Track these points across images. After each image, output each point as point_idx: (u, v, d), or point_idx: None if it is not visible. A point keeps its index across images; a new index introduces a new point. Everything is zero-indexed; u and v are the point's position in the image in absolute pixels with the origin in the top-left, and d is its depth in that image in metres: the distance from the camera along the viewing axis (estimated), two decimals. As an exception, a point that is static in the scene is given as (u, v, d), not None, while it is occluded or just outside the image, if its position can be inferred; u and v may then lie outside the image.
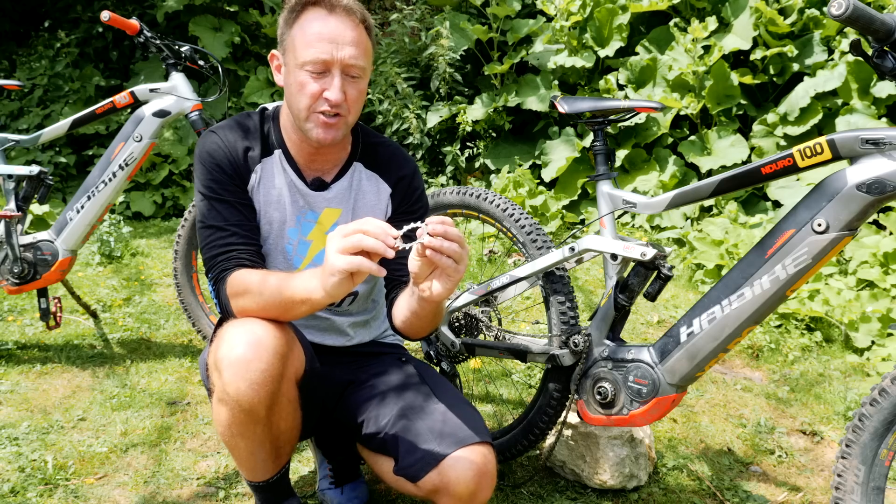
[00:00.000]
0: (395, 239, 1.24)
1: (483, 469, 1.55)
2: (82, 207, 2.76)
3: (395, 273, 1.79)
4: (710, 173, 4.39)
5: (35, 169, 2.78)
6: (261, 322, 1.50)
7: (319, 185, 1.71)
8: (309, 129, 1.59)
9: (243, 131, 1.69)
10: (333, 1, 1.55)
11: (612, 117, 1.96)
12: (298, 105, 1.57)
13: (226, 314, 1.57)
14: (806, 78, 4.37)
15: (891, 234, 3.76)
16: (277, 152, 1.70)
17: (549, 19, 5.23)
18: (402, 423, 1.62)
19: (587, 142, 4.74)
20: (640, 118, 4.73)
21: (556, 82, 5.04)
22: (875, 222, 3.90)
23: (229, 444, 1.59)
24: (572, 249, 1.89)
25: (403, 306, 1.59)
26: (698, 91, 4.55)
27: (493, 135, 5.29)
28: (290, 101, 1.61)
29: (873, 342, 3.06)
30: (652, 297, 1.80)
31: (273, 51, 1.66)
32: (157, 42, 2.72)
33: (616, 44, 4.87)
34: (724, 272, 3.54)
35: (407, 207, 1.76)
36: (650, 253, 1.77)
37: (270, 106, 1.76)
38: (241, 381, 1.45)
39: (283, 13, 1.61)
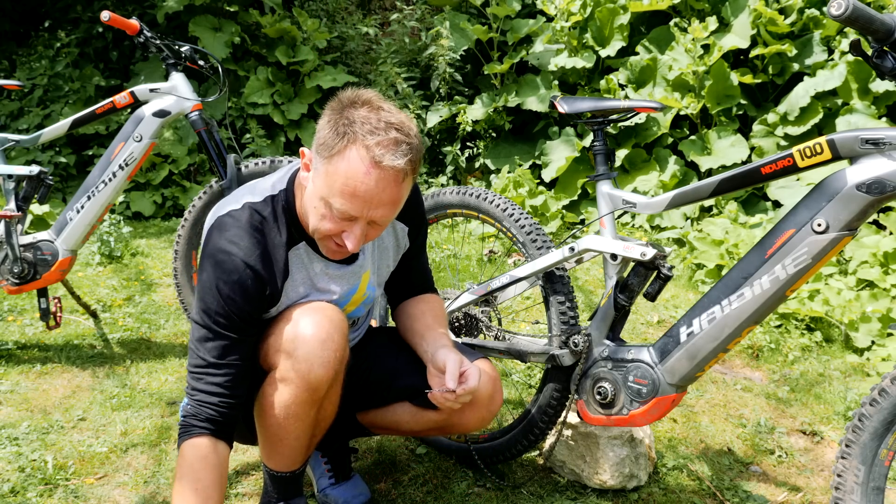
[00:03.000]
0: None
1: (494, 375, 1.77)
2: (82, 207, 2.76)
3: (401, 288, 1.92)
4: (710, 173, 4.39)
5: (35, 169, 2.78)
6: (327, 305, 1.59)
7: (351, 257, 1.66)
8: (321, 245, 1.56)
9: (265, 245, 1.55)
10: (383, 160, 1.38)
11: (612, 117, 1.96)
12: (314, 227, 1.50)
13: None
14: (806, 78, 4.37)
15: (891, 234, 3.76)
16: (302, 245, 1.61)
17: (549, 19, 5.23)
18: (409, 367, 1.76)
19: (587, 142, 4.74)
20: (640, 118, 4.73)
21: (556, 82, 5.04)
22: (875, 222, 3.90)
23: (276, 428, 1.61)
24: (572, 249, 1.89)
25: (411, 342, 1.79)
26: (698, 91, 4.55)
27: (493, 135, 5.29)
28: (308, 214, 1.51)
29: (873, 342, 3.06)
30: (652, 297, 1.80)
31: (304, 149, 1.53)
32: (157, 42, 2.73)
33: (617, 44, 4.87)
34: (724, 272, 3.54)
35: (420, 231, 1.83)
36: (650, 253, 1.77)
37: (277, 190, 1.60)
38: (316, 358, 1.52)
39: (331, 115, 1.44)
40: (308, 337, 1.52)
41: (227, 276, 1.50)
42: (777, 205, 4.23)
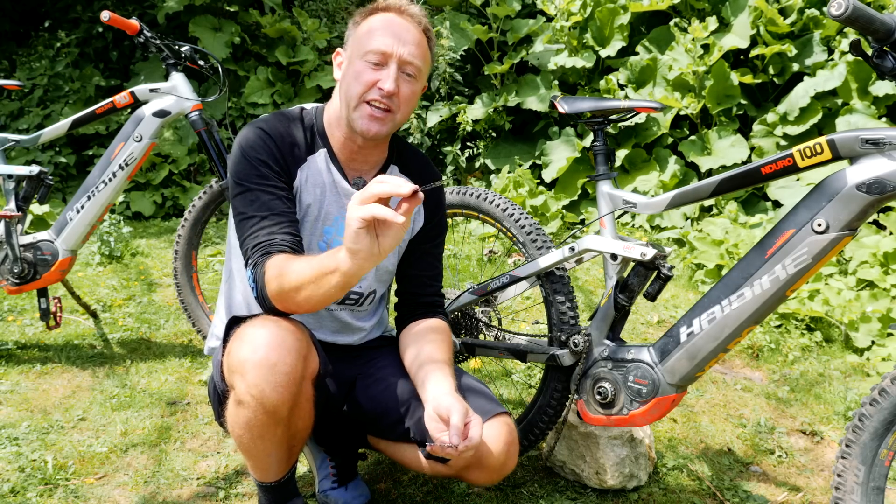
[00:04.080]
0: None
1: (510, 439, 1.64)
2: (82, 207, 2.76)
3: (409, 288, 1.87)
4: (710, 173, 4.39)
5: (35, 169, 2.78)
6: (281, 322, 1.51)
7: (361, 185, 1.73)
8: (356, 118, 1.62)
9: (288, 127, 1.69)
10: (403, 6, 1.65)
11: (613, 117, 1.96)
12: (351, 92, 1.61)
13: (262, 301, 1.54)
14: (806, 78, 4.37)
15: (891, 234, 3.76)
16: (322, 151, 1.71)
17: (550, 19, 5.23)
18: (421, 408, 1.64)
19: (587, 142, 4.74)
20: (640, 118, 4.73)
21: (556, 82, 5.04)
22: (875, 222, 3.90)
23: (247, 446, 1.59)
24: (572, 249, 1.89)
25: (409, 371, 1.70)
26: (698, 91, 4.55)
27: (494, 135, 5.30)
28: (344, 90, 1.64)
29: (873, 342, 3.06)
30: (652, 297, 1.80)
31: (338, 48, 1.72)
32: (157, 42, 2.73)
33: (617, 44, 4.87)
34: (724, 272, 3.54)
35: (435, 213, 1.82)
36: (650, 253, 1.77)
37: (309, 106, 1.77)
38: (266, 383, 1.46)
39: (354, 18, 1.69)
40: (256, 361, 1.46)
41: (252, 142, 1.63)
42: (777, 205, 4.23)
